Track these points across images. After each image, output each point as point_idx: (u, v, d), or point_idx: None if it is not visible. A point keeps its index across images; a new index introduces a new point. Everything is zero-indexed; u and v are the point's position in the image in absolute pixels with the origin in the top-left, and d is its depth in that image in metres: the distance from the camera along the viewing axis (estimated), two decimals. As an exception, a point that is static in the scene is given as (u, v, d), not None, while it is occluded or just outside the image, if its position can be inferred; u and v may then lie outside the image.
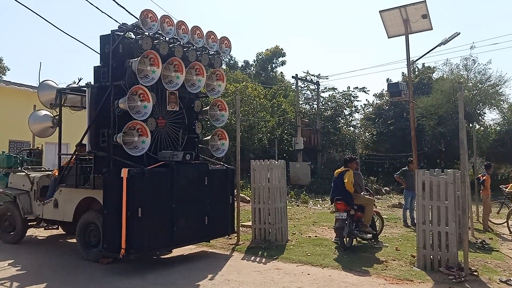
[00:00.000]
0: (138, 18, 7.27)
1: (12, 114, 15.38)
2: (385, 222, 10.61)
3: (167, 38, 7.63)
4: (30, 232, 9.59)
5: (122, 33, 7.37)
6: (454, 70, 28.30)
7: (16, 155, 10.24)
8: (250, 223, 9.81)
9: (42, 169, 10.13)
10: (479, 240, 9.27)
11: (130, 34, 7.61)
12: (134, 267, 7.02)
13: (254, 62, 42.61)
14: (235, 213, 8.78)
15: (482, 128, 27.82)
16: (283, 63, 42.38)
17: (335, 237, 8.96)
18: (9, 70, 39.92)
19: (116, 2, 9.16)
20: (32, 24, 70.76)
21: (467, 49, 46.69)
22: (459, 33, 14.14)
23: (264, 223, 9.05)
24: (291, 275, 6.65)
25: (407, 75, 15.91)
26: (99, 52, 7.62)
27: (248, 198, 15.36)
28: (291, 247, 8.59)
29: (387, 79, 33.63)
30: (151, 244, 6.82)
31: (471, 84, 27.09)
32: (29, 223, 9.01)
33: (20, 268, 7.12)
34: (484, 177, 11.78)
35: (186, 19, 7.79)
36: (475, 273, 6.61)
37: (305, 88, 32.95)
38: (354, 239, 8.67)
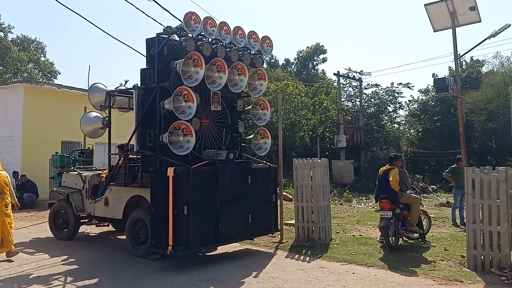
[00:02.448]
0: (182, 20, 7.43)
1: (63, 116, 16.10)
2: (433, 221, 10.32)
3: (210, 39, 7.75)
4: (82, 229, 9.99)
5: (167, 36, 7.57)
6: (505, 63, 27.18)
7: (68, 155, 10.70)
8: (293, 222, 9.81)
9: (93, 168, 10.55)
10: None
11: (174, 36, 7.79)
12: (180, 264, 7.20)
13: (295, 60, 42.52)
14: (278, 211, 8.82)
15: (536, 123, 26.49)
16: (324, 60, 42.08)
17: (380, 236, 8.81)
18: (60, 74, 41.96)
19: (160, 6, 9.40)
20: (80, 29, 73.70)
21: (519, 41, 44.65)
22: (510, 25, 13.48)
23: (308, 221, 9.03)
24: (335, 274, 6.62)
25: (454, 69, 15.38)
26: (145, 55, 7.87)
27: (291, 197, 15.33)
28: (335, 245, 8.53)
29: (433, 74, 32.69)
30: (197, 241, 6.96)
31: (523, 77, 25.86)
32: (81, 220, 9.36)
33: (73, 263, 7.43)
34: None
35: (226, 19, 7.91)
36: (528, 274, 6.34)
37: (347, 85, 32.56)
38: (400, 239, 8.49)
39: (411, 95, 51.99)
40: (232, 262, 7.45)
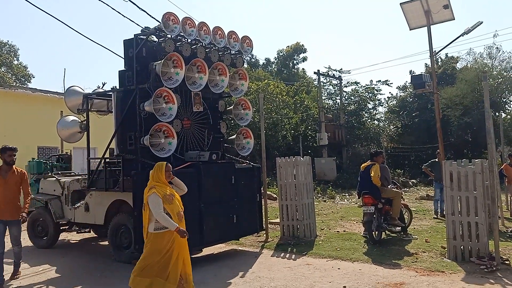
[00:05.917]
0: (160, 21, 7.38)
1: (39, 120, 15.77)
2: (414, 215, 10.50)
3: (189, 40, 7.71)
4: (63, 236, 9.77)
5: (145, 37, 7.49)
6: (478, 59, 27.83)
7: (45, 161, 10.49)
8: (278, 220, 9.83)
9: (72, 173, 10.36)
10: (510, 229, 9.19)
11: (153, 37, 7.72)
12: (165, 267, 7.11)
13: (275, 59, 42.56)
14: (263, 211, 8.83)
15: (508, 116, 27.21)
16: (304, 59, 42.21)
17: (363, 231, 8.91)
18: (33, 77, 41.08)
19: (137, 6, 9.32)
20: (54, 31, 72.31)
21: (490, 38, 46.06)
22: (481, 22, 13.85)
23: (292, 219, 9.06)
24: (321, 270, 6.67)
25: (430, 66, 15.68)
26: (123, 57, 7.77)
27: (275, 196, 15.39)
28: (320, 242, 8.59)
29: (410, 71, 33.22)
30: (182, 243, 6.89)
31: (495, 72, 26.57)
32: (61, 228, 9.12)
33: (54, 271, 7.28)
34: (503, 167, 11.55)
35: (205, 20, 7.88)
36: (506, 261, 6.55)
37: (328, 83, 32.71)
38: (383, 233, 8.61)
39: (389, 92, 52.75)
40: (218, 263, 7.43)
